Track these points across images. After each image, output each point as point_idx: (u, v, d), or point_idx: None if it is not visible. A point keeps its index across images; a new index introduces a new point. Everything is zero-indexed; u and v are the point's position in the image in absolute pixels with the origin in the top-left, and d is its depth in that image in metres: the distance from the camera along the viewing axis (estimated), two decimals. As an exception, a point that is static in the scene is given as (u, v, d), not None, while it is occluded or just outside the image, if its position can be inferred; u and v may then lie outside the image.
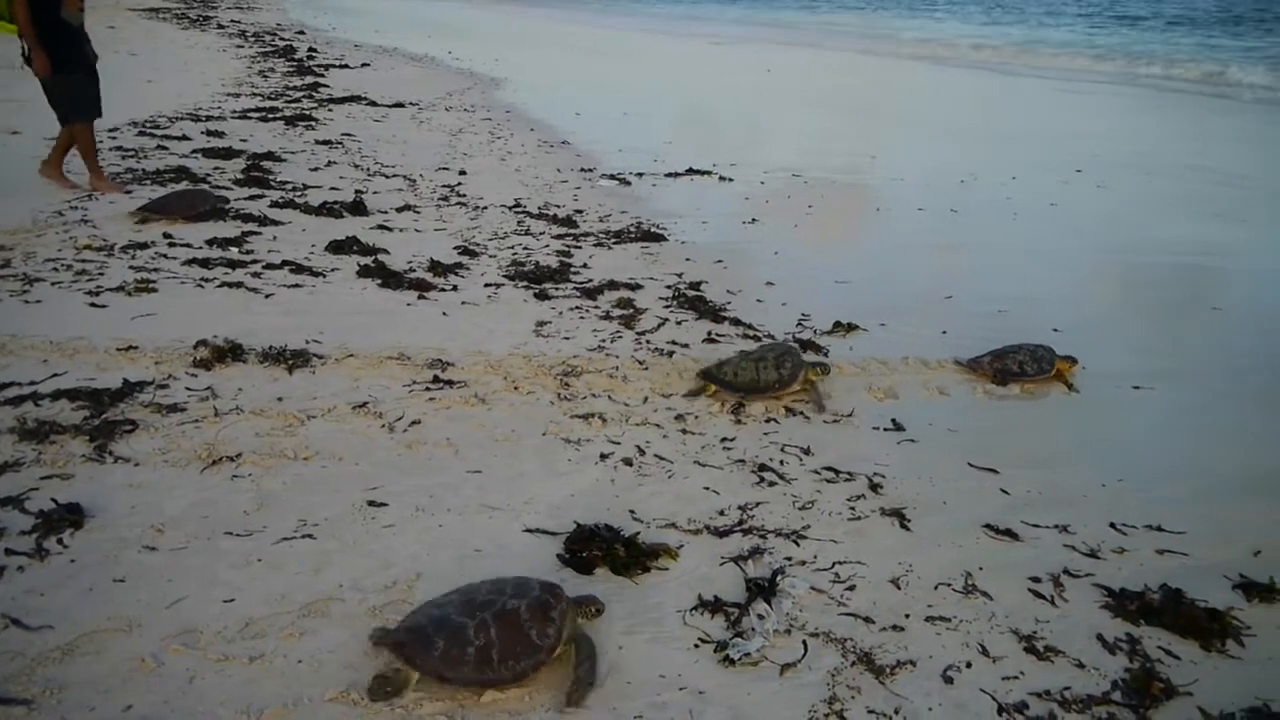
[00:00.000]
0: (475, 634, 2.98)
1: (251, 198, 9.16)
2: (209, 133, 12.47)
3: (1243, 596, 3.68)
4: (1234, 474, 4.69)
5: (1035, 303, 7.15)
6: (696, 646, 3.26)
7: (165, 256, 7.20)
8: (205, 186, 9.36)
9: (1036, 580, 3.74)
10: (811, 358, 5.67)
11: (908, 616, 3.48)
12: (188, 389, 4.99)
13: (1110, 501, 4.36)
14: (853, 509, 4.20)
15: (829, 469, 4.54)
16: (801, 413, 5.13)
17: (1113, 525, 4.14)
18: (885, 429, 5.01)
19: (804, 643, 3.30)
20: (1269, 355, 6.35)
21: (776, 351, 5.28)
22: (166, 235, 7.68)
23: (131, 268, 6.87)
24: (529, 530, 3.90)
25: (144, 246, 7.36)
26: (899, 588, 3.65)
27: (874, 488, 4.38)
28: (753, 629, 3.36)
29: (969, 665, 3.25)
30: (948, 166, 12.28)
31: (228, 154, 11.13)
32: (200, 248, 7.46)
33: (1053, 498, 4.37)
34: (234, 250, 7.48)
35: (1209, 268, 8.27)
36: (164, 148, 11.31)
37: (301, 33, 31.94)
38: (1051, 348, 5.78)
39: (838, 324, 6.42)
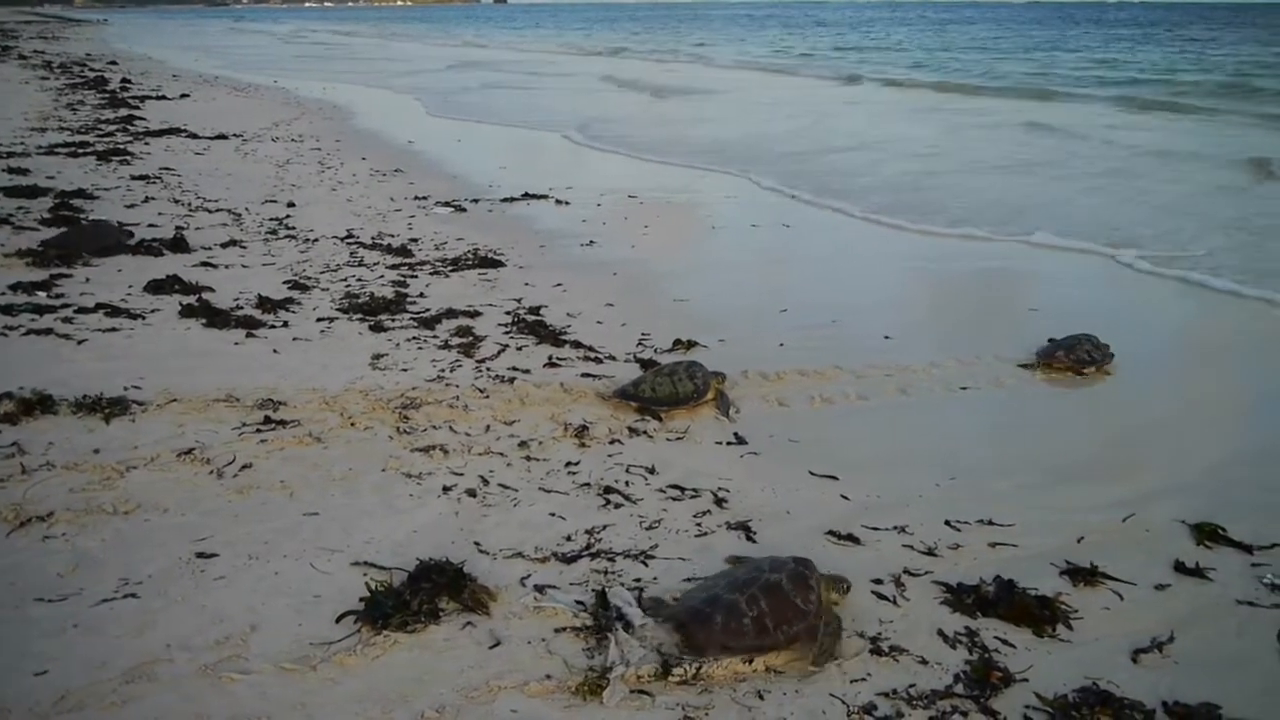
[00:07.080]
0: (748, 606, 3.29)
1: (60, 238, 8.61)
2: (11, 170, 11.75)
3: (1069, 582, 3.86)
4: (1054, 465, 4.94)
5: (865, 311, 7.38)
6: (548, 678, 3.20)
7: (-38, 305, 6.70)
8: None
9: (879, 582, 3.83)
10: (711, 368, 5.68)
11: (757, 628, 3.50)
12: (-10, 446, 4.63)
13: (944, 500, 4.51)
14: (699, 525, 4.22)
15: (674, 486, 4.55)
16: (645, 432, 5.14)
17: (948, 523, 4.29)
18: (728, 443, 5.07)
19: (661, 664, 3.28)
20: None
21: (684, 365, 5.48)
22: (-37, 282, 7.17)
23: (-77, 318, 6.37)
24: (355, 564, 3.76)
25: (-64, 296, 6.84)
26: (748, 600, 3.68)
27: (719, 502, 4.42)
28: (610, 657, 3.31)
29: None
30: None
31: (33, 192, 10.48)
32: (2, 294, 6.97)
33: (890, 500, 4.50)
34: (41, 295, 7.02)
35: (1024, 271, 8.73)
36: (-42, 187, 10.58)
37: (114, 63, 30.52)
38: (1095, 335, 6.34)
39: (678, 341, 6.48)
